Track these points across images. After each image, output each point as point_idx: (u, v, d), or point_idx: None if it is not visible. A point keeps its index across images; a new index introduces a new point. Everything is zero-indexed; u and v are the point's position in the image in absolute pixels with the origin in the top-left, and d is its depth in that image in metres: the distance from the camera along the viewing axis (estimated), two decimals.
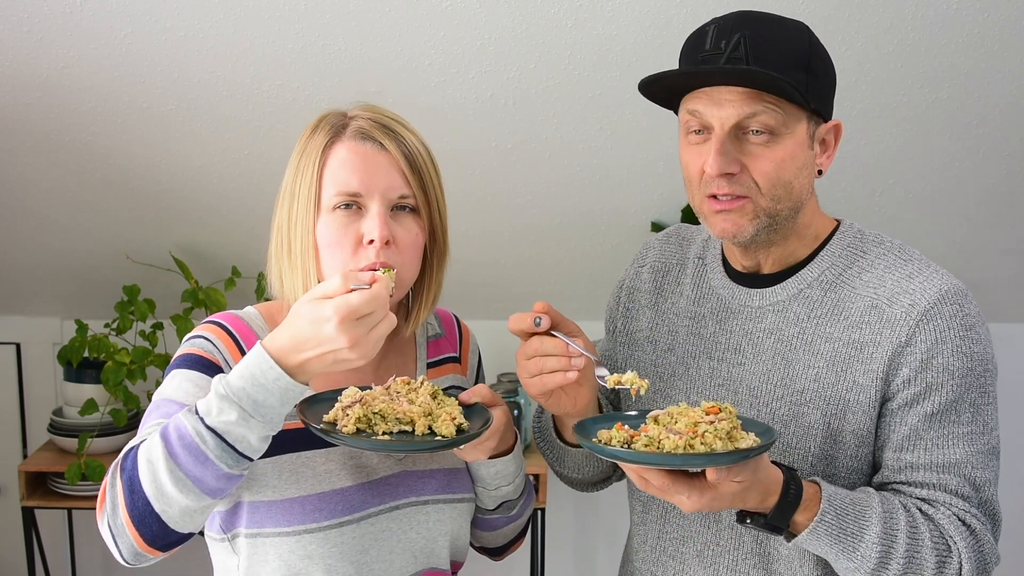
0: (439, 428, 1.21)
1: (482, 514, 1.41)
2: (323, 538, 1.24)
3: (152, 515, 1.10)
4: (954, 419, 1.26)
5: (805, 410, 1.30)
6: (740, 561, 1.35)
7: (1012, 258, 2.78)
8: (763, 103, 1.21)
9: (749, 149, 1.23)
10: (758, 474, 1.16)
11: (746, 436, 1.15)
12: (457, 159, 2.41)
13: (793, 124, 1.24)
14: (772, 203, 1.25)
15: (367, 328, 1.09)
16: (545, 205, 2.60)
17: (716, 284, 1.41)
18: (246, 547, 1.25)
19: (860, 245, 1.35)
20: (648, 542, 1.44)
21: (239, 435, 1.09)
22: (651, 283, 1.48)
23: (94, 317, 2.77)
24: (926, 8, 2.05)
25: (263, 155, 2.41)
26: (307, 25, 2.09)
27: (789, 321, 1.33)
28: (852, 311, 1.30)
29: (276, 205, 1.32)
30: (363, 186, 1.25)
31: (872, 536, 1.21)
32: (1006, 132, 2.36)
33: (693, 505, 1.15)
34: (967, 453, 1.26)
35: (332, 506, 1.25)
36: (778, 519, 1.20)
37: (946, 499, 1.26)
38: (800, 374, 1.31)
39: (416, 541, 1.31)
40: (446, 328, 1.48)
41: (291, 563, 1.24)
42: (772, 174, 1.24)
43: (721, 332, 1.38)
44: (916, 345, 1.25)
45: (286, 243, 1.29)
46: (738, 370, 1.35)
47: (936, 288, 1.27)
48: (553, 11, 2.06)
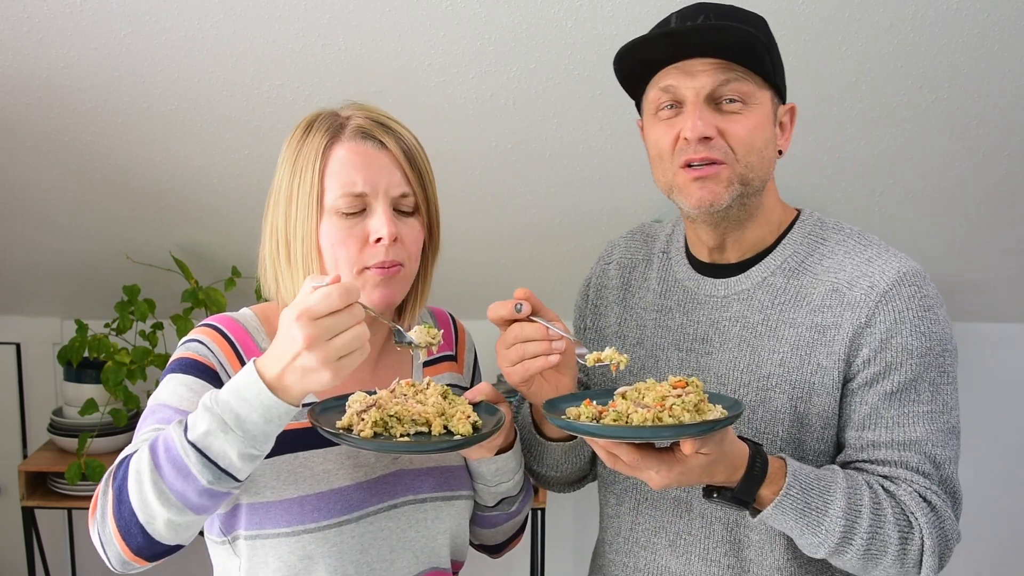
0: (456, 427, 1.22)
1: (482, 511, 1.41)
2: (322, 538, 1.24)
3: (137, 526, 1.10)
4: (914, 398, 1.29)
5: (772, 395, 1.32)
6: (711, 549, 1.37)
7: (1012, 258, 2.78)
8: (735, 71, 1.26)
9: (723, 117, 1.28)
10: (723, 446, 1.18)
11: (713, 408, 1.17)
12: (457, 159, 2.41)
13: (761, 95, 1.30)
14: (746, 170, 1.29)
15: (326, 331, 1.04)
16: (545, 205, 2.60)
17: (681, 276, 1.44)
18: (246, 549, 1.25)
19: (820, 232, 1.39)
20: (621, 533, 1.46)
21: (219, 450, 1.07)
22: (618, 279, 1.51)
23: (94, 317, 2.77)
24: (926, 8, 2.05)
25: (263, 155, 2.41)
26: (307, 25, 2.09)
27: (754, 308, 1.36)
28: (814, 296, 1.33)
29: (268, 208, 1.31)
30: (368, 185, 1.25)
31: (836, 511, 1.23)
32: (1006, 132, 2.36)
33: (662, 480, 1.16)
34: (927, 431, 1.28)
35: (331, 506, 1.25)
36: (744, 493, 1.22)
37: (907, 476, 1.28)
38: (766, 360, 1.33)
39: (416, 540, 1.31)
40: (442, 327, 1.49)
41: (291, 564, 1.24)
42: (747, 139, 1.28)
43: (688, 323, 1.40)
44: (875, 326, 1.28)
45: (284, 246, 1.29)
46: (706, 359, 1.38)
47: (894, 270, 1.30)
48: (553, 11, 2.06)
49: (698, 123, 1.26)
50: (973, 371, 3.04)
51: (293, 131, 1.31)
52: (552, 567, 3.08)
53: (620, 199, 2.58)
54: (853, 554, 1.25)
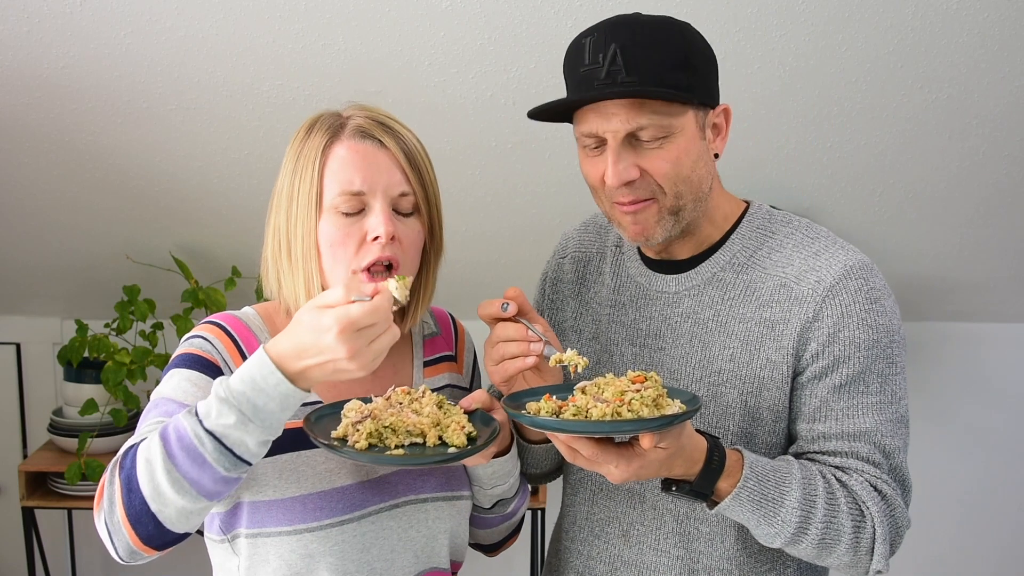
0: (450, 438, 1.22)
1: (478, 512, 1.41)
2: (324, 537, 1.24)
3: (148, 515, 1.10)
4: (862, 389, 1.31)
5: (723, 390, 1.34)
6: (662, 540, 1.39)
7: (1012, 258, 2.78)
8: (649, 111, 1.25)
9: (644, 154, 1.28)
10: (682, 440, 1.19)
11: (672, 403, 1.18)
12: (457, 159, 2.41)
13: (681, 122, 1.28)
14: (675, 200, 1.30)
15: (367, 340, 1.09)
16: (545, 205, 2.60)
17: (634, 272, 1.45)
18: (247, 547, 1.25)
19: (769, 226, 1.40)
20: (577, 522, 1.49)
21: (237, 439, 1.09)
22: (573, 273, 1.53)
23: (94, 317, 2.78)
24: (926, 8, 2.05)
25: (263, 155, 2.41)
26: (307, 25, 2.09)
27: (704, 304, 1.38)
28: (763, 291, 1.35)
29: (271, 207, 1.32)
30: (366, 183, 1.25)
31: (792, 502, 1.25)
32: (1006, 132, 2.36)
33: (621, 474, 1.17)
34: (876, 422, 1.30)
35: (333, 504, 1.25)
36: (702, 486, 1.25)
37: (858, 466, 1.30)
38: (716, 355, 1.35)
39: (417, 540, 1.31)
40: (442, 327, 1.49)
41: (292, 562, 1.24)
42: (671, 173, 1.28)
43: (641, 319, 1.42)
44: (823, 320, 1.30)
45: (285, 245, 1.29)
46: (659, 355, 1.39)
47: (841, 264, 1.32)
48: (553, 11, 2.07)
49: (617, 170, 1.27)
50: (973, 371, 3.05)
51: (296, 132, 1.31)
52: None
53: None
54: (808, 543, 1.27)
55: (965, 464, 3.11)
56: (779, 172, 2.44)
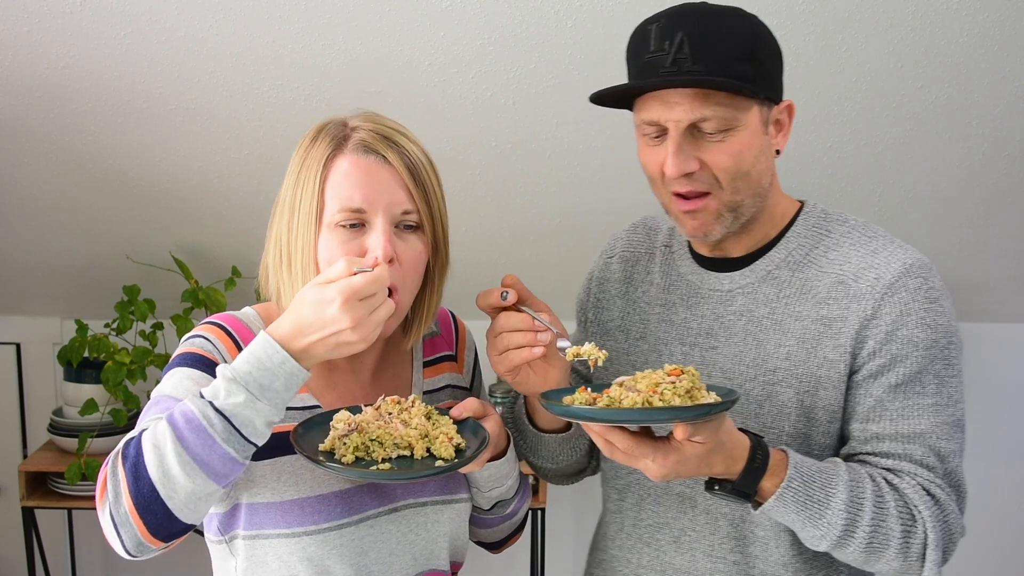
0: (438, 450, 1.22)
1: (478, 513, 1.41)
2: (322, 540, 1.24)
3: (158, 501, 1.08)
4: (919, 390, 1.27)
5: (778, 389, 1.31)
6: (717, 546, 1.36)
7: (1012, 258, 2.78)
8: (713, 103, 1.23)
9: (705, 146, 1.25)
10: (719, 436, 1.16)
11: (707, 395, 1.15)
12: (457, 159, 2.41)
13: (745, 116, 1.25)
14: (733, 195, 1.28)
15: (368, 309, 1.11)
16: (545, 205, 2.60)
17: (685, 270, 1.43)
18: (245, 549, 1.25)
19: (825, 224, 1.37)
20: (624, 529, 1.45)
21: (246, 418, 1.09)
22: (620, 273, 1.50)
23: (94, 317, 2.77)
24: (926, 8, 2.05)
25: (263, 155, 2.41)
26: (307, 25, 2.09)
27: (759, 302, 1.35)
28: (819, 288, 1.32)
29: (274, 214, 1.30)
30: (366, 201, 1.22)
31: (838, 504, 1.22)
32: (1006, 132, 2.36)
33: (659, 469, 1.15)
34: (932, 424, 1.27)
35: (331, 508, 1.25)
36: (745, 485, 1.21)
37: (911, 469, 1.27)
38: (771, 353, 1.32)
39: (416, 543, 1.31)
40: (443, 326, 1.48)
41: (290, 565, 1.24)
42: (731, 168, 1.26)
43: (692, 317, 1.39)
44: (881, 318, 1.27)
45: (286, 256, 1.27)
46: (711, 354, 1.37)
47: (900, 262, 1.29)
48: (553, 11, 2.06)
49: (677, 160, 1.24)
50: (973, 371, 3.03)
51: (303, 138, 1.29)
52: (552, 566, 3.08)
53: (620, 199, 2.58)
54: (855, 547, 1.24)
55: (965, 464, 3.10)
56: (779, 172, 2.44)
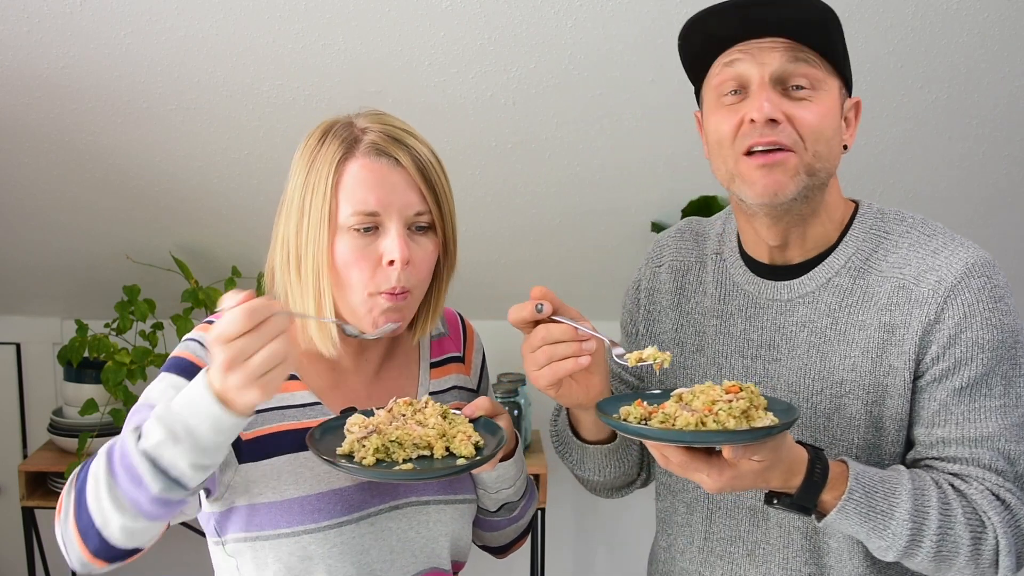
0: (457, 449, 1.21)
1: (484, 515, 1.40)
2: (323, 538, 1.24)
3: (94, 529, 1.10)
4: (985, 392, 1.24)
5: (846, 401, 1.28)
6: (791, 559, 1.34)
7: (1012, 258, 2.78)
8: (805, 53, 1.22)
9: (790, 103, 1.23)
10: (779, 453, 1.15)
11: (763, 416, 1.14)
12: (457, 159, 2.41)
13: (830, 82, 1.24)
14: (814, 159, 1.23)
15: (241, 353, 1.01)
16: (545, 205, 2.60)
17: (740, 280, 1.38)
18: (244, 550, 1.25)
19: (882, 225, 1.33)
20: (695, 542, 1.42)
21: (170, 460, 1.06)
22: (671, 283, 1.45)
23: (94, 317, 2.77)
24: (926, 8, 2.05)
25: (263, 155, 2.41)
26: (307, 25, 2.09)
27: (821, 312, 1.31)
28: (881, 294, 1.28)
29: (280, 215, 1.28)
30: (381, 205, 1.22)
31: (902, 513, 1.19)
32: (1006, 132, 2.36)
33: (714, 484, 1.14)
34: (1000, 426, 1.24)
35: (331, 506, 1.25)
36: (804, 499, 1.19)
37: (979, 474, 1.24)
38: (837, 365, 1.29)
39: (416, 541, 1.31)
40: (450, 327, 1.48)
41: (291, 565, 1.24)
42: (816, 126, 1.23)
43: (752, 329, 1.35)
44: (945, 321, 1.24)
45: (295, 259, 1.26)
46: (774, 366, 1.33)
47: (962, 262, 1.25)
48: (553, 11, 2.06)
49: (765, 104, 1.20)
50: None
51: (307, 137, 1.27)
52: (552, 567, 3.08)
53: (620, 199, 2.58)
54: (924, 556, 1.21)
55: None
56: None
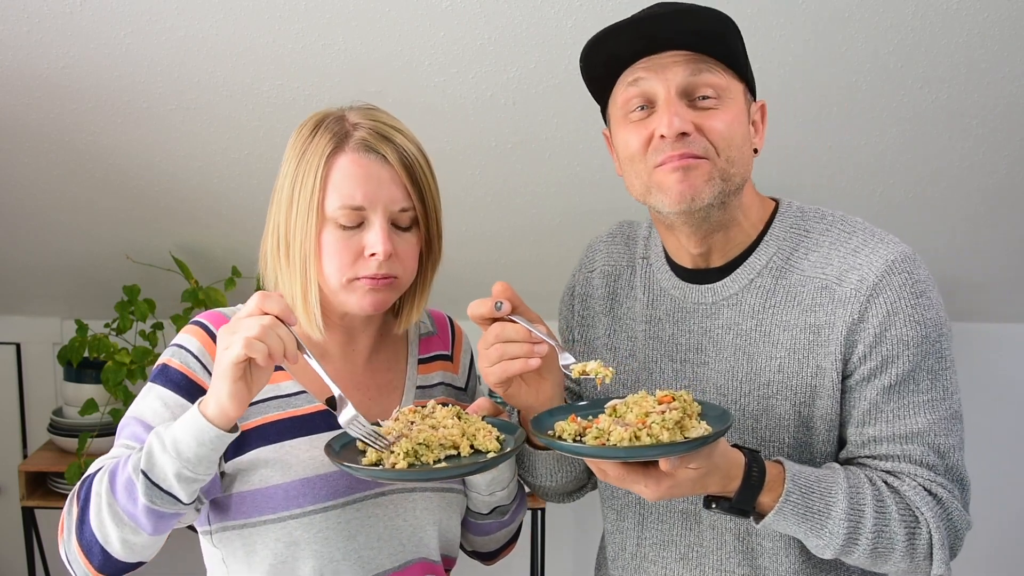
0: (483, 445, 1.22)
1: (475, 518, 1.41)
2: (308, 523, 1.25)
3: (97, 545, 1.16)
4: (913, 388, 1.26)
5: (774, 402, 1.30)
6: (725, 560, 1.34)
7: (1012, 258, 2.78)
8: (707, 63, 1.22)
9: (698, 113, 1.23)
10: (714, 459, 1.15)
11: (696, 425, 1.15)
12: (457, 159, 2.41)
13: (734, 89, 1.25)
14: (727, 165, 1.24)
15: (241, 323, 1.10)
16: (545, 205, 2.60)
17: (666, 285, 1.39)
18: (233, 538, 1.27)
19: (802, 224, 1.34)
20: (627, 549, 1.43)
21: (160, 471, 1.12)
22: (603, 288, 1.46)
23: (94, 317, 2.78)
24: (926, 8, 2.05)
25: (263, 155, 2.41)
26: (307, 25, 2.09)
27: (745, 314, 1.32)
28: (804, 295, 1.29)
29: (272, 203, 1.32)
30: (367, 199, 1.26)
31: (839, 513, 1.21)
32: (1006, 132, 2.36)
33: (653, 494, 1.15)
34: (929, 421, 1.26)
35: (316, 491, 1.26)
36: (742, 502, 1.20)
37: (911, 470, 1.26)
38: (764, 367, 1.30)
39: (403, 528, 1.32)
40: (439, 327, 1.50)
41: (277, 551, 1.25)
42: (726, 133, 1.23)
43: (680, 333, 1.36)
44: (868, 320, 1.25)
45: (284, 246, 1.30)
46: (702, 369, 1.34)
47: (882, 259, 1.26)
48: (553, 11, 2.06)
49: (674, 120, 1.21)
50: (973, 371, 3.04)
51: (300, 128, 1.31)
52: (552, 567, 3.08)
53: (620, 199, 2.57)
54: (860, 552, 1.23)
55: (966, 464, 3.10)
56: (779, 172, 2.44)
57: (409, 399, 1.38)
